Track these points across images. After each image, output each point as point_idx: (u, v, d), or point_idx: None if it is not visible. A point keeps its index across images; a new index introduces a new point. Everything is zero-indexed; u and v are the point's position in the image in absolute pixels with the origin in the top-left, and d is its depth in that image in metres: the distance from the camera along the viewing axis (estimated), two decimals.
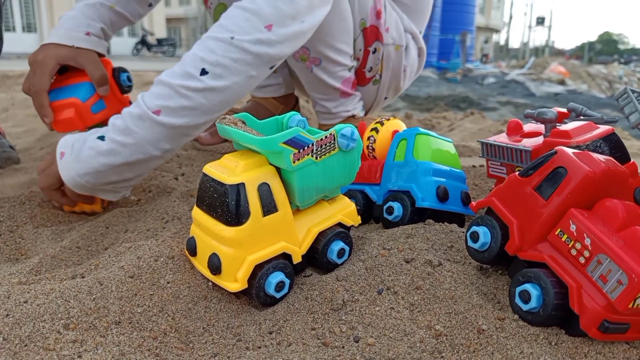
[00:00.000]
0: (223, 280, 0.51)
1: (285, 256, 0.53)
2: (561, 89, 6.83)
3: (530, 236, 0.47)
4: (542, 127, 0.70)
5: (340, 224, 0.58)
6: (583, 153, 0.46)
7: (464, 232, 0.60)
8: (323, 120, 1.17)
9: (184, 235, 0.64)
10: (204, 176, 0.53)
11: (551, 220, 0.46)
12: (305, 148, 0.51)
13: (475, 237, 0.51)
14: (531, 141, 0.66)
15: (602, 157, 0.46)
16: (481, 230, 0.51)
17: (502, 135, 0.72)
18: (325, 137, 0.53)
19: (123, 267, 0.53)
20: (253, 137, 0.51)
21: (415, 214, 0.66)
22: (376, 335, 0.47)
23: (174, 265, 0.54)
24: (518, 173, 0.50)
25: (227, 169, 0.52)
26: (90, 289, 0.50)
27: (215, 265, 0.50)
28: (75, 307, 0.47)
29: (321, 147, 0.52)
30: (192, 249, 0.54)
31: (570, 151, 0.47)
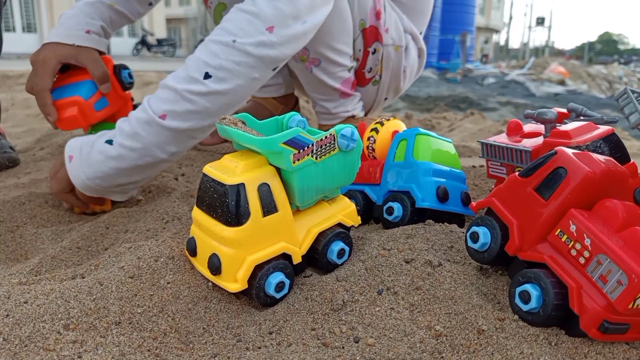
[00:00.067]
0: (223, 280, 0.51)
1: (285, 256, 0.53)
2: (561, 89, 6.83)
3: (530, 236, 0.47)
4: (542, 128, 0.70)
5: (340, 225, 0.58)
6: (583, 153, 0.46)
7: (464, 233, 0.60)
8: (323, 121, 1.16)
9: (184, 235, 0.64)
10: (204, 176, 0.53)
11: (551, 221, 0.46)
12: (305, 148, 0.51)
13: (475, 238, 0.51)
14: (531, 141, 0.66)
15: (602, 157, 0.46)
16: (481, 230, 0.51)
17: (502, 136, 0.72)
18: (325, 137, 0.53)
19: (123, 267, 0.53)
20: (253, 138, 0.51)
21: (415, 215, 0.66)
22: (376, 336, 0.47)
23: (174, 265, 0.54)
24: (518, 173, 0.50)
25: (227, 170, 0.52)
26: (91, 289, 0.50)
27: (215, 265, 0.50)
28: (76, 308, 0.47)
29: (321, 147, 0.52)
30: (192, 250, 0.54)
31: (570, 151, 0.47)
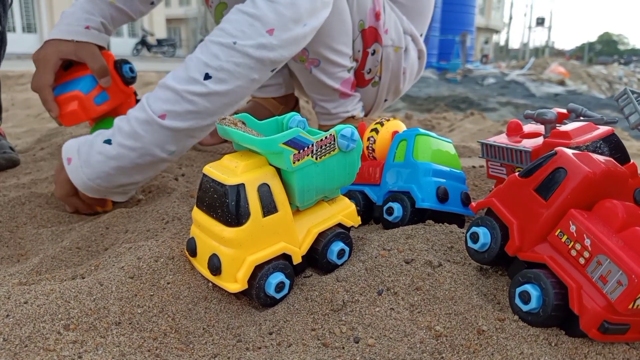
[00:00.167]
0: (223, 280, 0.51)
1: (285, 257, 0.53)
2: (561, 90, 6.84)
3: (530, 237, 0.47)
4: (542, 128, 0.70)
5: (340, 225, 0.58)
6: (583, 154, 0.46)
7: (464, 233, 0.60)
8: (323, 121, 1.16)
9: (184, 235, 0.64)
10: (204, 177, 0.53)
11: (551, 221, 0.46)
12: (305, 149, 0.51)
13: (475, 238, 0.51)
14: (531, 142, 0.66)
15: (601, 157, 0.46)
16: (481, 231, 0.51)
17: (502, 136, 0.72)
18: (325, 137, 0.53)
19: (123, 267, 0.53)
20: (253, 138, 0.51)
21: (415, 215, 0.66)
22: (376, 336, 0.47)
23: (174, 265, 0.54)
24: (518, 174, 0.50)
25: (227, 170, 0.52)
26: (91, 289, 0.50)
27: (215, 265, 0.50)
28: (76, 308, 0.47)
29: (321, 147, 0.52)
30: (192, 250, 0.54)
31: (570, 152, 0.47)
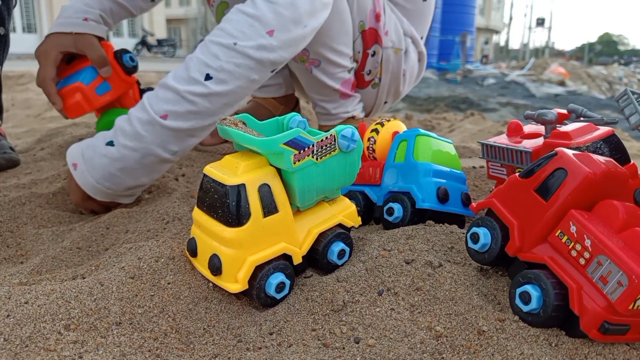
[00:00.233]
0: (223, 281, 0.51)
1: (286, 257, 0.53)
2: (561, 90, 6.84)
3: (530, 237, 0.48)
4: (542, 128, 0.70)
5: (340, 225, 0.58)
6: (583, 154, 0.46)
7: (464, 233, 0.60)
8: (323, 122, 1.17)
9: (184, 236, 0.64)
10: (205, 177, 0.53)
11: (551, 222, 0.46)
12: (306, 149, 0.51)
13: (476, 238, 0.51)
14: (531, 142, 0.66)
15: (602, 158, 0.46)
16: (481, 231, 0.51)
17: (502, 137, 0.72)
18: (326, 138, 0.53)
19: (124, 267, 0.53)
20: (254, 138, 0.51)
21: (415, 215, 0.66)
22: (377, 336, 0.47)
23: (174, 266, 0.54)
24: (518, 174, 0.50)
25: (228, 170, 0.52)
26: (91, 289, 0.50)
27: (215, 266, 0.50)
28: (76, 308, 0.47)
29: (322, 148, 0.52)
30: (193, 250, 0.54)
31: (570, 152, 0.47)
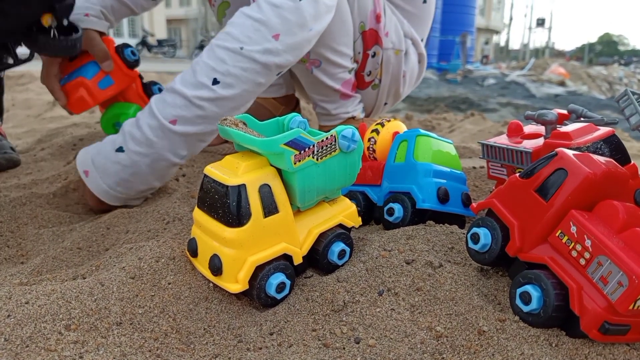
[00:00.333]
0: (224, 281, 0.51)
1: (286, 257, 0.53)
2: (561, 90, 6.84)
3: (530, 238, 0.48)
4: (542, 129, 0.70)
5: (341, 225, 0.58)
6: (583, 155, 0.46)
7: (465, 234, 0.60)
8: (323, 122, 1.17)
9: (185, 236, 0.64)
10: (205, 177, 0.53)
11: (552, 222, 0.46)
12: (306, 149, 0.51)
13: (476, 239, 0.51)
14: (532, 143, 0.66)
15: (602, 158, 0.46)
16: (482, 231, 0.51)
17: (502, 137, 0.72)
18: (326, 138, 0.53)
19: (124, 268, 0.53)
20: (254, 139, 0.51)
21: (415, 215, 0.66)
22: (377, 337, 0.47)
23: (175, 266, 0.54)
24: (519, 174, 0.50)
25: (229, 170, 0.52)
26: (92, 289, 0.50)
27: (216, 266, 0.50)
28: (77, 308, 0.47)
29: (322, 148, 0.53)
30: (193, 250, 0.54)
31: (570, 153, 0.47)
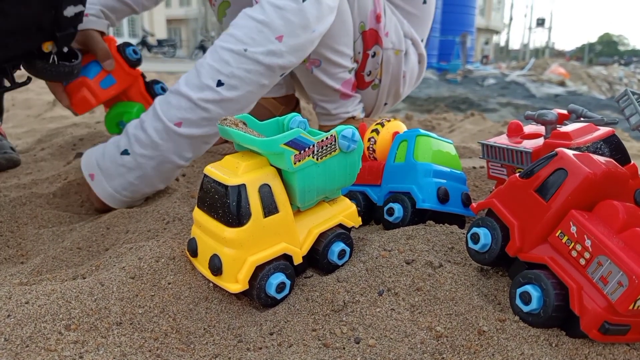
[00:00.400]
0: (224, 281, 0.51)
1: (286, 257, 0.53)
2: (561, 90, 6.84)
3: (530, 238, 0.48)
4: (542, 129, 0.70)
5: (341, 225, 0.58)
6: (583, 155, 0.47)
7: (465, 234, 0.60)
8: (323, 122, 1.17)
9: (184, 236, 0.64)
10: (205, 177, 0.53)
11: (552, 222, 0.46)
12: (306, 149, 0.51)
13: (476, 239, 0.51)
14: (532, 143, 0.66)
15: (602, 158, 0.46)
16: (482, 231, 0.51)
17: (502, 137, 0.72)
18: (326, 138, 0.53)
19: (124, 268, 0.53)
20: (254, 139, 0.51)
21: (415, 215, 0.66)
22: (377, 337, 0.47)
23: (175, 266, 0.54)
24: (519, 174, 0.50)
25: (229, 170, 0.52)
26: (92, 289, 0.50)
27: (216, 266, 0.50)
28: (77, 308, 0.47)
29: (322, 148, 0.53)
30: (193, 250, 0.54)
31: (570, 153, 0.47)
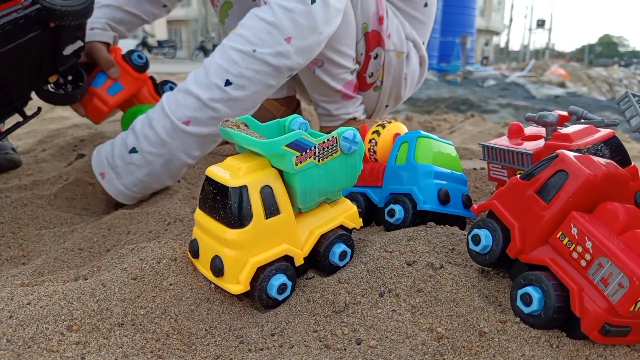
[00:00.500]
0: (225, 282, 0.51)
1: (288, 258, 0.53)
2: (561, 92, 6.83)
3: (531, 239, 0.48)
4: (543, 130, 0.70)
5: (342, 227, 0.58)
6: (584, 156, 0.47)
7: (466, 235, 0.60)
8: (324, 123, 1.17)
9: (186, 237, 0.64)
10: (207, 178, 0.53)
11: (553, 223, 0.46)
12: (308, 151, 0.51)
13: (477, 240, 0.51)
14: (532, 144, 0.66)
15: (603, 160, 0.46)
16: (483, 233, 0.51)
17: (503, 138, 0.72)
18: (328, 140, 0.53)
19: (126, 269, 0.53)
20: (256, 140, 0.51)
21: (416, 217, 0.66)
22: (378, 338, 0.47)
23: (176, 267, 0.55)
24: (519, 176, 0.50)
25: (230, 172, 0.52)
26: (93, 290, 0.50)
27: (217, 267, 0.50)
28: (79, 309, 0.47)
29: (323, 149, 0.53)
30: (195, 251, 0.54)
31: (571, 154, 0.47)
